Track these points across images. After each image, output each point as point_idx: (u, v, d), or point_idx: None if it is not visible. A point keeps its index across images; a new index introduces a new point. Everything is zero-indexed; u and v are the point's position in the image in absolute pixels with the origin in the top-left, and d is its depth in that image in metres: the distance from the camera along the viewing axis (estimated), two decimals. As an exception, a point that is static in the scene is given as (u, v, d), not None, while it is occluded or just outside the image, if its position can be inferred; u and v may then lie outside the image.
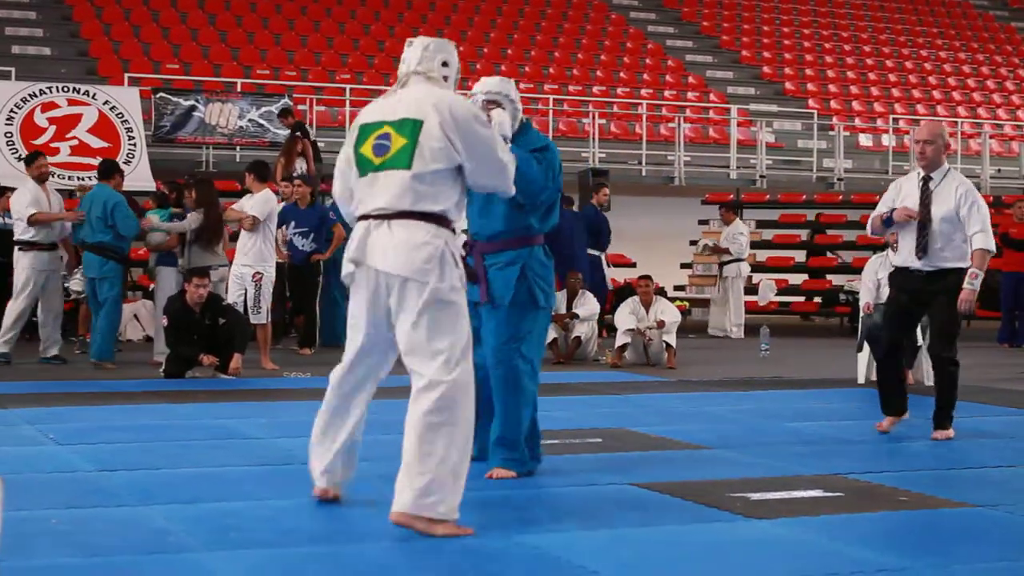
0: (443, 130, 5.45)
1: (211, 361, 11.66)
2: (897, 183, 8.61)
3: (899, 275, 8.48)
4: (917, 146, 8.39)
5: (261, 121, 19.40)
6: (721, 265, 18.60)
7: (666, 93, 26.38)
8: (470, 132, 5.51)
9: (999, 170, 26.06)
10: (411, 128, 5.48)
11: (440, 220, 5.48)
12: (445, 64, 5.77)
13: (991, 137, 26.34)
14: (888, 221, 8.40)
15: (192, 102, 19.34)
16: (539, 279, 6.74)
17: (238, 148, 19.87)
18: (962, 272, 8.18)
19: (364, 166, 5.61)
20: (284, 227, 14.14)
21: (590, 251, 15.79)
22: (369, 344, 5.64)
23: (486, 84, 6.85)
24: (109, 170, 13.32)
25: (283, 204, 14.25)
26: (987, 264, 8.19)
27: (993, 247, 8.21)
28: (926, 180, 8.32)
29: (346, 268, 5.62)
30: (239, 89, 20.63)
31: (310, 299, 14.70)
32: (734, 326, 18.37)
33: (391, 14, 27.29)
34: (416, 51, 5.74)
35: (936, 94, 29.56)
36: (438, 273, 5.37)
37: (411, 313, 5.38)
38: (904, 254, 8.37)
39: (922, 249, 8.23)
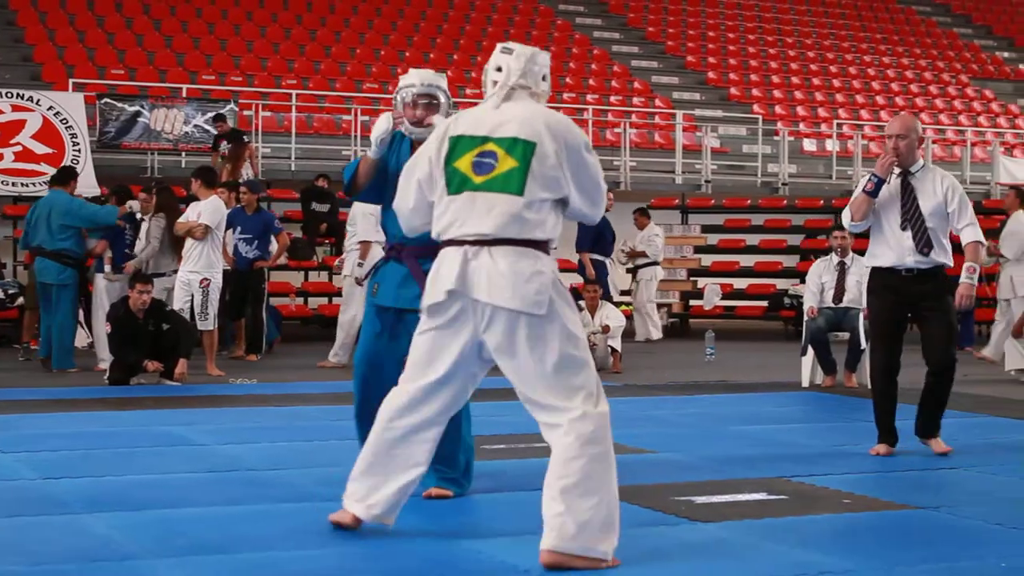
0: (558, 159, 5.17)
1: (156, 367, 11.60)
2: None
3: (883, 277, 7.93)
4: (889, 141, 7.86)
5: (206, 127, 19.23)
6: (635, 269, 18.49)
7: (612, 98, 26.45)
8: (581, 162, 5.24)
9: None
10: (523, 150, 5.15)
11: (545, 248, 5.18)
12: (544, 79, 5.44)
13: (933, 142, 26.57)
14: (875, 191, 7.83)
15: (137, 108, 19.20)
16: None
17: (183, 154, 19.76)
18: (947, 269, 7.88)
19: (460, 183, 5.21)
20: (229, 231, 14.12)
21: (594, 256, 15.94)
22: (449, 376, 5.24)
23: (422, 76, 6.40)
24: (66, 176, 13.37)
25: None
26: (981, 258, 7.92)
27: (984, 240, 7.95)
28: (905, 175, 7.89)
29: (436, 296, 5.16)
30: (184, 95, 20.48)
31: (256, 305, 14.66)
32: (652, 326, 18.05)
33: (337, 20, 27.23)
34: (520, 62, 5.36)
35: (879, 99, 29.79)
36: (555, 305, 5.07)
37: (530, 348, 5.03)
38: (888, 254, 7.87)
39: (926, 244, 7.74)
